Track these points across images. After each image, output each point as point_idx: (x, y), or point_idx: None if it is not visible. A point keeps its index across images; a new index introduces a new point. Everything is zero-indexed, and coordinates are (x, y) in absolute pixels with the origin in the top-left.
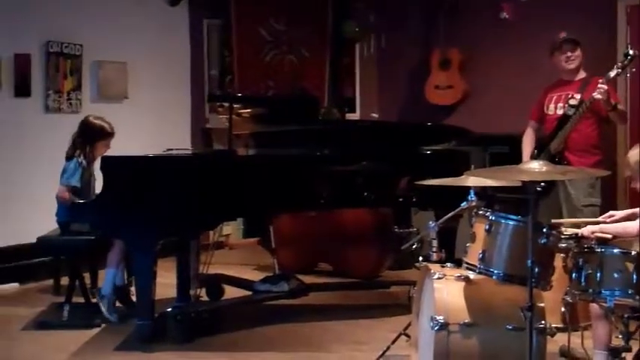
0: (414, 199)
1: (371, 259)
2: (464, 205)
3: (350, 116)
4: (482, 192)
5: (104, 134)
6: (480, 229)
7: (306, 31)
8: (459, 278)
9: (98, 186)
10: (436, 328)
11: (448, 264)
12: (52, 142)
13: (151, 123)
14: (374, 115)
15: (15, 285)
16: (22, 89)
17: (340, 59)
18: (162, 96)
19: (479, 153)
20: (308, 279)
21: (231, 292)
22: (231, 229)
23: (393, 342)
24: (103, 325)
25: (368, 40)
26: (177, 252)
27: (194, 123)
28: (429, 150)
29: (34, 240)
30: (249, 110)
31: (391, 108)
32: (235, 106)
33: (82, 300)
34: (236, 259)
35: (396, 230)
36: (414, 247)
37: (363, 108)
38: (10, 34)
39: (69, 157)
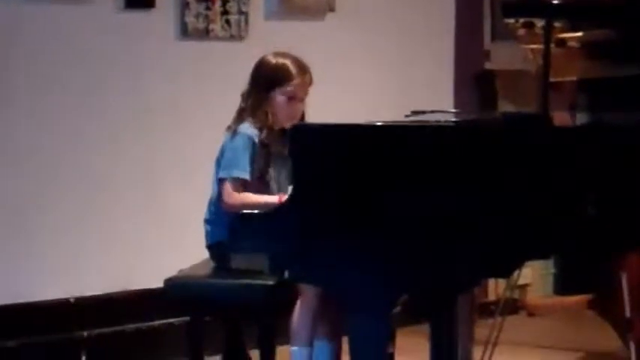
0: None
1: None
2: None
3: None
4: None
5: (284, 76)
6: None
7: None
8: None
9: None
10: None
11: None
12: (194, 96)
13: (379, 61)
14: None
15: None
16: None
17: None
18: (399, 9)
19: None
20: None
21: None
22: (531, 274)
23: None
24: None
25: None
26: (431, 318)
27: (461, 61)
28: None
29: (159, 284)
30: (580, 34)
31: None
32: (556, 25)
33: None
34: (542, 333)
35: None
36: None
37: None
38: None
39: (231, 128)
